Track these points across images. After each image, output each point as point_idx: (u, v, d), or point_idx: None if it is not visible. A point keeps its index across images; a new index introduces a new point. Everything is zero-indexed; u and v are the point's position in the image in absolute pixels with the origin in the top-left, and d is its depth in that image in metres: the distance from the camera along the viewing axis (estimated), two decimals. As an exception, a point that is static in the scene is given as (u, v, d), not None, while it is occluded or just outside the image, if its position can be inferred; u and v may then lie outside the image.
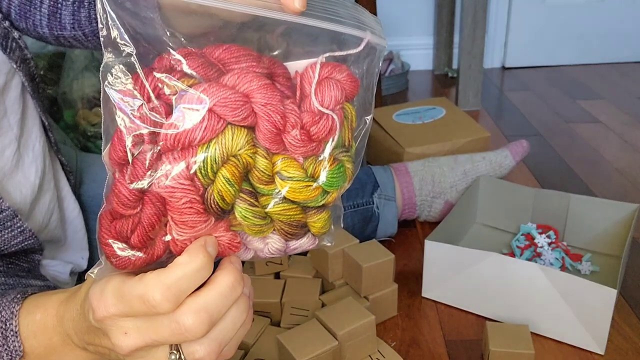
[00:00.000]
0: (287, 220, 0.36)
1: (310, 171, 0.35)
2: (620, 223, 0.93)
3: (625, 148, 1.42)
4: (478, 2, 1.59)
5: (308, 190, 0.35)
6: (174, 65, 0.33)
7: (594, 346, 0.75)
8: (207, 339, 0.34)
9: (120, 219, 0.34)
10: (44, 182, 0.63)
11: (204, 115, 0.32)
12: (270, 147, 0.34)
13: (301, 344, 0.66)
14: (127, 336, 0.33)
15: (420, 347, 0.78)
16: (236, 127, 0.33)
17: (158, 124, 0.32)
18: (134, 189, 0.33)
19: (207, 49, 0.35)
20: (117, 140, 0.33)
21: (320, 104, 0.35)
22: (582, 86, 1.94)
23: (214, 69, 0.34)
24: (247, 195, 0.34)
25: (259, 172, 0.34)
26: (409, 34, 2.20)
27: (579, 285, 0.73)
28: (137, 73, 0.33)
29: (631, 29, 2.15)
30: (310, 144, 0.35)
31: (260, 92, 0.33)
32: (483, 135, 1.20)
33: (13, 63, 0.58)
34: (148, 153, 0.32)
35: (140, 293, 0.32)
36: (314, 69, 0.36)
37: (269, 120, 0.33)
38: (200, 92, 0.32)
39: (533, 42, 2.17)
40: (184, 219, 0.33)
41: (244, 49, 0.35)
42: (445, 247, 0.83)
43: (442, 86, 2.03)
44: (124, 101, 0.32)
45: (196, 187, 0.33)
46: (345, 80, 0.36)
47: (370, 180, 1.00)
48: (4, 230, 0.55)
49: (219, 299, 0.33)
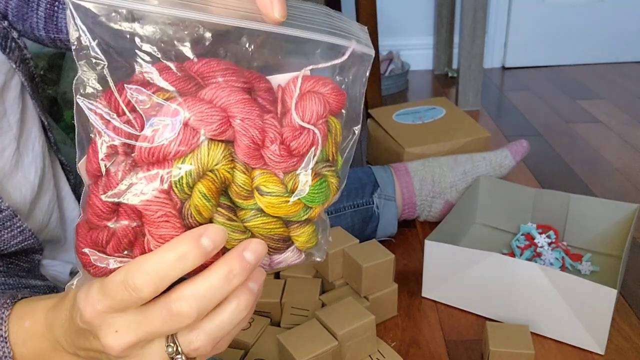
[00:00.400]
0: (268, 234, 0.35)
1: (290, 186, 0.35)
2: (620, 223, 0.93)
3: (625, 148, 1.42)
4: (478, 2, 1.59)
5: (287, 206, 0.35)
6: (150, 79, 0.33)
7: (594, 346, 0.75)
8: (203, 330, 0.34)
9: (96, 229, 0.33)
10: (44, 182, 0.63)
11: (179, 129, 0.32)
12: (249, 162, 0.34)
13: (301, 344, 0.66)
14: (118, 334, 0.33)
15: (420, 347, 0.78)
16: (213, 141, 0.33)
17: (132, 137, 0.32)
18: (107, 201, 0.32)
19: (186, 63, 0.34)
20: (91, 152, 0.33)
21: (301, 119, 0.34)
22: (582, 86, 1.94)
23: (191, 82, 0.33)
24: (225, 210, 0.34)
25: (238, 187, 0.34)
26: (409, 34, 2.20)
27: (579, 285, 0.73)
28: (110, 86, 0.32)
29: (631, 29, 2.15)
30: (290, 159, 0.34)
31: (238, 107, 0.33)
32: (483, 135, 1.20)
33: (12, 63, 0.58)
34: (122, 165, 0.32)
35: (121, 279, 0.31)
36: (295, 82, 0.35)
37: (246, 135, 0.33)
38: (176, 106, 0.32)
39: (533, 42, 2.17)
40: (160, 233, 0.32)
41: (224, 63, 0.34)
42: (445, 247, 0.83)
43: (442, 86, 2.03)
44: (97, 114, 0.32)
45: (173, 201, 0.32)
46: (330, 94, 0.36)
47: (370, 180, 1.00)
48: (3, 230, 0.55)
49: (209, 288, 0.32)
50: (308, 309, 0.79)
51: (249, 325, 0.76)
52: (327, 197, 0.37)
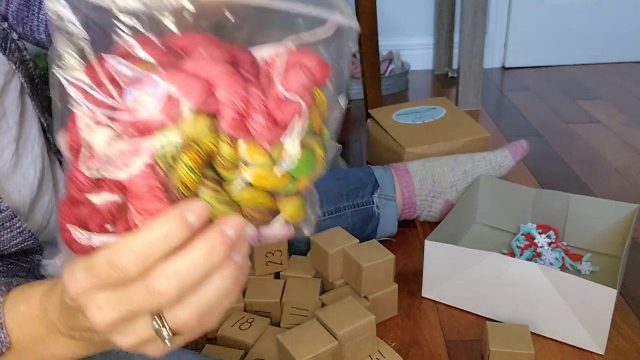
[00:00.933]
0: (255, 206, 0.35)
1: (276, 157, 0.34)
2: (620, 223, 0.93)
3: (624, 148, 1.42)
4: (478, 2, 1.59)
5: (274, 177, 0.34)
6: (132, 50, 0.32)
7: (594, 346, 0.75)
8: (188, 304, 0.33)
9: (78, 205, 0.33)
10: (43, 183, 0.63)
11: (161, 100, 0.31)
12: (234, 133, 0.33)
13: (301, 344, 0.66)
14: (102, 310, 0.33)
15: (420, 347, 0.78)
16: (196, 112, 0.32)
17: (113, 108, 0.31)
18: (89, 174, 0.32)
19: (167, 36, 0.33)
20: (71, 125, 0.32)
21: (286, 90, 0.34)
22: (582, 86, 1.94)
23: (174, 55, 0.33)
24: (211, 182, 0.33)
25: (223, 159, 0.33)
26: (409, 34, 2.20)
27: (579, 285, 0.73)
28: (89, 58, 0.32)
29: (631, 29, 2.15)
30: (275, 130, 0.34)
31: (222, 77, 0.32)
32: (483, 135, 1.20)
33: (12, 64, 0.58)
34: (102, 137, 0.31)
35: (107, 258, 0.31)
36: (279, 55, 0.35)
37: (230, 105, 0.32)
38: (158, 77, 0.31)
39: (533, 42, 2.17)
40: (144, 206, 0.32)
41: (206, 36, 0.34)
42: (445, 247, 0.83)
43: (442, 86, 2.03)
44: (76, 86, 0.31)
45: (156, 174, 0.31)
46: (314, 65, 0.35)
47: (370, 180, 1.00)
48: (3, 231, 0.55)
49: (190, 264, 0.32)
50: (308, 309, 0.79)
51: (249, 325, 0.77)
52: (314, 167, 0.36)
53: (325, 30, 0.36)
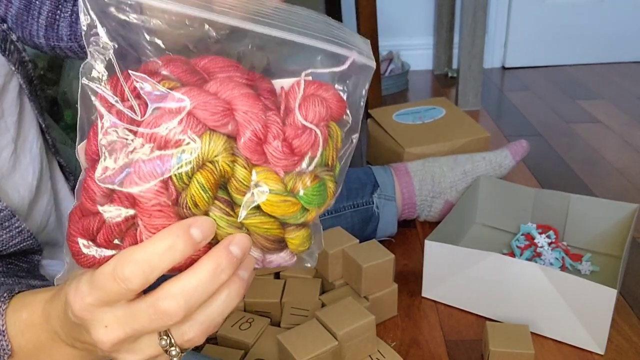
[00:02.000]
0: (264, 233, 0.35)
1: (290, 186, 0.35)
2: (620, 223, 0.93)
3: (625, 148, 1.42)
4: (478, 2, 1.59)
5: (286, 205, 0.34)
6: (157, 69, 0.33)
7: (594, 346, 0.75)
8: (196, 321, 0.34)
9: (88, 216, 0.33)
10: (42, 184, 0.63)
11: (182, 117, 0.32)
12: (251, 157, 0.33)
13: (301, 344, 0.66)
14: (107, 329, 0.33)
15: (420, 347, 0.78)
16: (215, 132, 0.32)
17: (134, 123, 0.32)
18: (103, 185, 0.32)
19: (192, 59, 0.34)
20: (92, 134, 0.33)
21: (304, 118, 0.35)
22: (582, 86, 1.94)
23: (197, 76, 0.34)
24: (222, 204, 0.34)
25: (237, 181, 0.34)
26: (409, 34, 2.20)
27: (579, 285, 0.73)
28: (116, 72, 0.32)
29: (631, 29, 2.15)
30: (292, 157, 0.34)
31: (242, 100, 0.33)
32: (483, 135, 1.20)
33: (12, 65, 0.58)
34: (121, 151, 0.32)
35: (110, 270, 0.31)
36: (299, 85, 0.35)
37: (249, 128, 0.33)
38: (180, 94, 0.32)
39: (533, 42, 2.17)
40: (153, 222, 0.32)
41: (230, 61, 0.35)
42: (445, 247, 0.83)
43: (442, 86, 2.03)
44: (101, 97, 0.32)
45: (169, 191, 0.32)
46: (332, 99, 0.36)
47: (370, 180, 1.00)
48: (2, 231, 0.55)
49: (197, 284, 0.32)
50: (308, 309, 0.79)
51: (249, 325, 0.77)
52: (325, 200, 0.37)
53: (343, 67, 0.36)
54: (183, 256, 0.32)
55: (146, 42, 0.33)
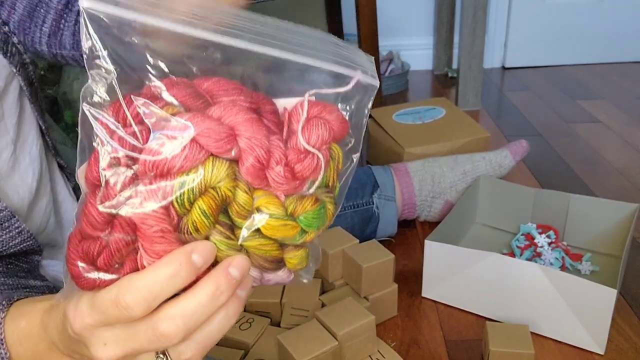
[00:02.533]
0: (263, 255, 0.36)
1: (290, 209, 0.35)
2: (620, 223, 0.93)
3: (625, 148, 1.42)
4: (478, 2, 1.59)
5: (286, 228, 0.35)
6: (159, 93, 0.33)
7: (594, 346, 0.75)
8: (193, 341, 0.34)
9: (88, 240, 0.33)
10: (41, 186, 0.63)
11: (185, 144, 0.31)
12: (253, 182, 0.34)
13: (301, 344, 0.67)
14: (106, 347, 0.33)
15: (420, 347, 0.78)
16: (218, 158, 0.32)
17: (136, 149, 0.32)
18: (104, 211, 0.32)
19: (195, 80, 0.34)
20: (93, 160, 0.32)
21: (306, 142, 0.35)
22: (582, 86, 1.94)
23: (200, 100, 0.33)
24: (223, 228, 0.34)
25: (239, 206, 0.34)
26: (409, 34, 2.20)
27: (579, 285, 0.73)
28: (118, 97, 0.32)
29: (631, 29, 2.15)
30: (293, 182, 0.34)
31: (246, 126, 0.33)
32: (483, 135, 1.20)
33: (13, 67, 0.58)
34: (122, 177, 0.32)
35: (112, 297, 0.31)
36: (302, 106, 0.35)
37: (252, 154, 0.33)
38: (184, 120, 0.32)
39: (533, 42, 2.17)
40: (154, 248, 0.32)
41: (233, 83, 0.35)
42: (445, 247, 0.83)
43: (442, 86, 2.03)
44: (102, 123, 0.32)
45: (170, 216, 0.32)
46: (335, 121, 0.36)
47: (370, 180, 1.00)
48: (2, 231, 0.55)
49: (197, 307, 0.32)
50: (308, 309, 0.79)
51: (249, 325, 0.77)
52: (324, 222, 0.37)
53: (346, 87, 0.36)
54: (185, 283, 0.32)
55: (149, 65, 0.33)
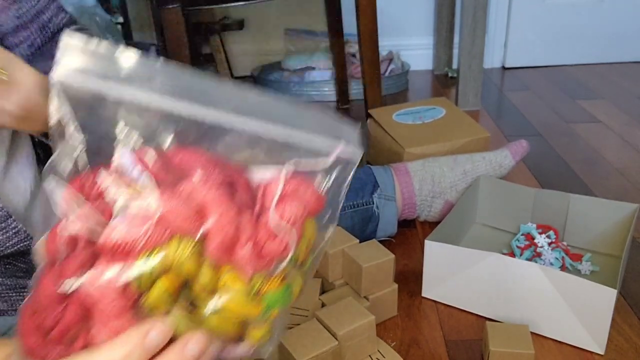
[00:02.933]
0: (223, 331, 0.34)
1: (256, 287, 0.34)
2: (620, 223, 0.93)
3: (625, 148, 1.42)
4: (478, 2, 1.59)
5: (250, 306, 0.34)
6: (128, 167, 0.32)
7: (594, 346, 0.75)
8: None
9: (42, 312, 0.32)
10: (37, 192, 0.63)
11: (150, 223, 0.30)
12: (219, 260, 0.32)
13: (301, 344, 0.66)
14: None
15: (420, 347, 0.78)
16: (184, 237, 0.31)
17: (100, 225, 0.31)
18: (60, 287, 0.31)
19: (170, 151, 0.33)
20: (53, 233, 0.32)
21: (280, 218, 0.34)
22: (582, 86, 1.94)
23: (171, 173, 0.32)
24: (184, 302, 0.33)
25: (202, 283, 0.32)
26: (409, 34, 2.20)
27: (579, 285, 0.73)
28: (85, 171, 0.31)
29: (631, 29, 2.15)
30: (261, 261, 0.33)
31: (217, 203, 0.32)
32: (483, 135, 1.20)
33: None
34: (82, 252, 0.31)
35: None
36: (277, 182, 0.34)
37: (221, 233, 0.32)
38: (151, 198, 0.31)
39: (533, 42, 2.17)
40: (110, 325, 0.31)
41: (206, 155, 0.34)
42: (445, 247, 0.83)
43: (442, 86, 2.03)
44: (66, 197, 0.31)
45: (128, 294, 0.31)
46: (310, 197, 0.35)
47: (370, 180, 1.00)
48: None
49: None
50: (308, 309, 0.79)
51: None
52: (289, 302, 0.36)
53: (326, 162, 0.36)
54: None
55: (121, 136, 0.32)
